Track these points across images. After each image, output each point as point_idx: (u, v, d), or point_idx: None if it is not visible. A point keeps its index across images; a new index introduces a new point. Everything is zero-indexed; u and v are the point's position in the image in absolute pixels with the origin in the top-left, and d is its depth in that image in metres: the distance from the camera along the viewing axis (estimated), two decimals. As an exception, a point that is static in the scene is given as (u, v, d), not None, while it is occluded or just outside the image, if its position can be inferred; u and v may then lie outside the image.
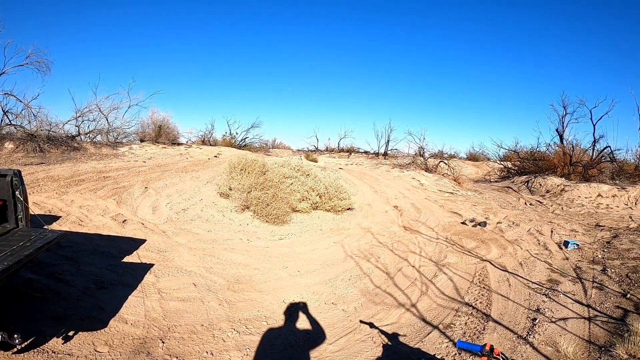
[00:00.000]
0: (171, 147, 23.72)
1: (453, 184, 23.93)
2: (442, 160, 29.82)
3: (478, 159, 40.94)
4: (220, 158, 21.05)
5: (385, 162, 34.22)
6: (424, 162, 29.44)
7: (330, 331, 6.03)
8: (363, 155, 40.18)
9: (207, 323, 5.73)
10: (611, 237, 12.01)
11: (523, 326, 6.27)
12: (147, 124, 26.72)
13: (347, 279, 8.19)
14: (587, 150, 26.34)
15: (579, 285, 8.01)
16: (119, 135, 22.89)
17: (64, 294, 5.78)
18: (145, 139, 25.25)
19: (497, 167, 33.08)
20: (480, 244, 11.09)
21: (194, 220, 10.63)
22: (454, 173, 26.83)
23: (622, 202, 19.10)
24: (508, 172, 30.14)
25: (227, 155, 21.94)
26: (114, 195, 11.53)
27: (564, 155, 25.59)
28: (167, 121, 27.72)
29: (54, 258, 6.97)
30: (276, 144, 46.74)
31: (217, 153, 23.05)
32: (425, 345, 5.78)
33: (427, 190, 20.57)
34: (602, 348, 5.44)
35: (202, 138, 31.84)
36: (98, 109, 22.51)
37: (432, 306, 7.13)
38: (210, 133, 32.76)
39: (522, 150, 31.73)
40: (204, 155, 21.92)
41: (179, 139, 28.69)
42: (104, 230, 8.97)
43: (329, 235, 11.11)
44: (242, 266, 8.18)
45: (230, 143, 32.08)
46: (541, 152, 29.24)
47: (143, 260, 7.63)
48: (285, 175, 13.67)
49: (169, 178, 14.28)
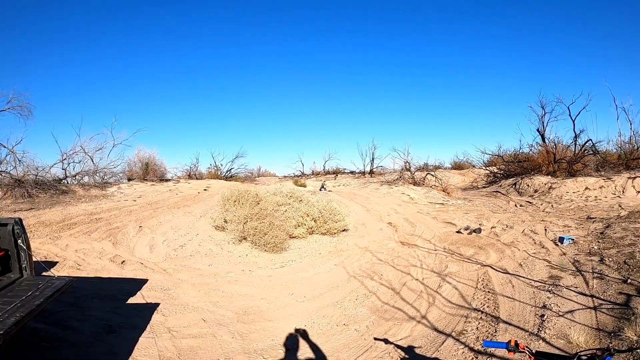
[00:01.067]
0: (160, 184, 23.62)
1: (442, 195, 24.09)
2: (428, 172, 30.10)
3: (463, 167, 41.32)
4: (210, 191, 21.05)
5: (372, 180, 34.42)
6: (411, 176, 29.68)
7: (347, 352, 6.00)
8: (349, 176, 40.42)
9: (223, 357, 5.67)
10: (604, 228, 12.16)
11: (533, 323, 6.32)
12: (134, 162, 26.66)
13: (354, 299, 8.18)
14: (569, 146, 26.71)
15: (579, 278, 8.09)
16: (106, 175, 22.76)
17: (73, 341, 5.68)
18: (133, 177, 25.15)
19: (483, 173, 33.42)
20: (478, 250, 11.15)
21: (193, 256, 10.56)
22: (441, 184, 27.09)
23: (610, 192, 19.37)
24: (494, 176, 30.45)
25: (216, 188, 21.94)
26: (109, 236, 11.43)
27: (548, 154, 25.93)
28: (154, 158, 27.68)
29: (57, 305, 6.81)
30: (261, 172, 46.87)
31: (206, 186, 23.05)
32: (442, 354, 5.78)
33: (418, 204, 20.68)
34: (612, 333, 5.51)
35: (188, 172, 31.79)
36: (83, 151, 22.46)
37: (441, 315, 7.15)
38: (195, 167, 32.82)
39: (506, 154, 32.20)
40: (193, 189, 21.90)
41: (166, 175, 28.59)
42: (103, 273, 8.87)
43: (329, 258, 11.10)
44: (248, 297, 8.13)
45: (216, 175, 32.12)
46: (525, 153, 29.68)
47: (148, 300, 7.54)
48: (278, 203, 13.68)
49: (162, 215, 14.21)
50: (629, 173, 21.00)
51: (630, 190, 19.08)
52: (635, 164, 22.73)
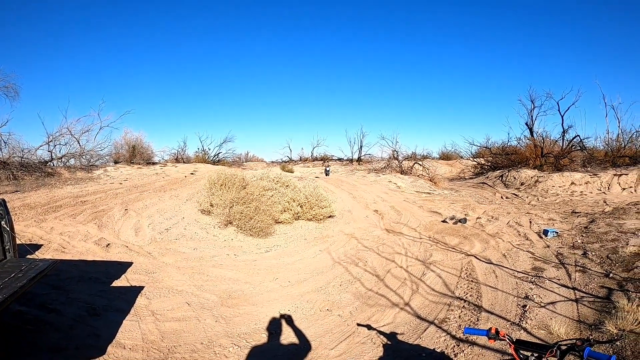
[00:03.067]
0: (146, 167, 23.47)
1: (429, 184, 24.20)
2: (416, 161, 30.17)
3: (451, 158, 41.44)
4: (197, 175, 20.93)
5: (360, 167, 34.47)
6: (398, 165, 29.75)
7: (329, 337, 6.06)
8: (337, 163, 40.37)
9: (206, 341, 5.70)
10: (588, 222, 12.34)
11: (515, 313, 6.44)
12: (121, 144, 26.34)
13: (338, 284, 8.24)
14: (557, 141, 27.12)
15: (562, 271, 8.23)
16: (92, 158, 22.56)
17: (57, 324, 5.67)
18: (120, 160, 24.90)
19: (470, 164, 33.60)
20: (463, 239, 11.26)
21: (178, 239, 10.55)
22: (429, 173, 27.16)
23: (595, 188, 19.62)
24: (482, 168, 30.64)
25: (203, 172, 21.84)
26: (94, 219, 11.37)
27: (535, 148, 26.17)
28: (141, 141, 27.39)
29: (41, 288, 6.81)
30: (249, 157, 46.70)
31: (193, 170, 22.91)
32: (424, 340, 5.87)
33: (405, 192, 20.78)
34: (593, 326, 5.62)
35: (175, 156, 31.56)
36: (69, 133, 22.23)
37: (424, 303, 7.24)
38: (183, 150, 32.56)
39: (494, 146, 32.35)
40: (180, 173, 21.79)
41: (153, 159, 28.36)
42: (88, 256, 8.84)
43: (314, 244, 11.15)
44: (233, 281, 8.15)
45: (204, 159, 31.92)
46: (513, 146, 29.91)
47: (132, 284, 7.54)
48: (265, 187, 13.66)
49: (148, 198, 14.15)
50: (615, 170, 21.29)
51: (615, 187, 19.34)
52: (622, 162, 23.06)
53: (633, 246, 8.90)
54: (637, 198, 16.59)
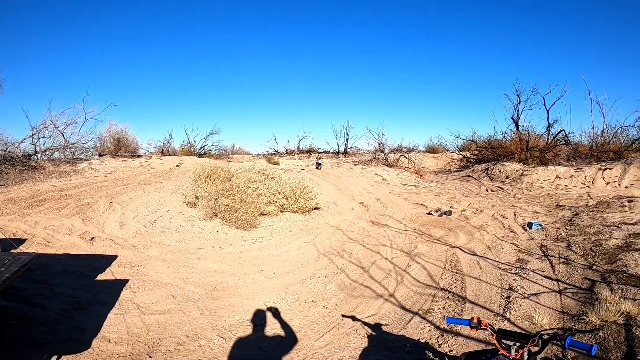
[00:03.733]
0: (131, 160, 23.26)
1: (415, 177, 24.31)
2: (402, 154, 30.25)
3: (437, 151, 41.67)
4: (182, 167, 20.83)
5: (346, 160, 34.51)
6: (384, 157, 29.83)
7: (314, 328, 6.11)
8: (323, 155, 40.30)
9: (191, 333, 5.72)
10: (572, 215, 12.50)
11: (499, 304, 6.54)
12: (105, 137, 25.95)
13: (323, 276, 8.29)
14: (542, 135, 27.48)
15: (546, 262, 8.35)
16: (77, 151, 22.28)
17: (42, 319, 5.66)
18: (104, 153, 24.62)
19: (456, 157, 33.83)
20: (448, 232, 11.35)
21: (163, 232, 10.53)
22: (414, 166, 27.29)
23: (580, 181, 19.85)
24: (467, 161, 30.87)
25: (188, 164, 21.74)
26: (79, 212, 11.31)
27: (521, 142, 26.46)
28: (126, 133, 27.07)
29: (25, 282, 6.79)
30: (235, 149, 46.56)
31: (178, 162, 22.78)
32: (409, 331, 5.94)
33: (391, 185, 20.86)
34: (575, 317, 5.73)
35: (160, 148, 31.36)
36: (54, 125, 21.90)
37: (409, 294, 7.31)
38: (168, 143, 32.36)
39: (480, 140, 32.63)
40: (165, 165, 21.66)
41: (138, 151, 28.11)
42: (72, 250, 8.80)
43: (300, 236, 11.18)
44: (218, 273, 8.17)
45: (190, 152, 31.77)
46: (498, 140, 30.25)
47: (117, 277, 7.53)
48: (250, 179, 13.67)
49: (133, 191, 14.07)
50: (600, 165, 21.57)
51: (599, 181, 19.58)
52: (606, 157, 23.39)
53: (616, 239, 9.03)
54: (620, 192, 16.79)
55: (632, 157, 22.07)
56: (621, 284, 6.50)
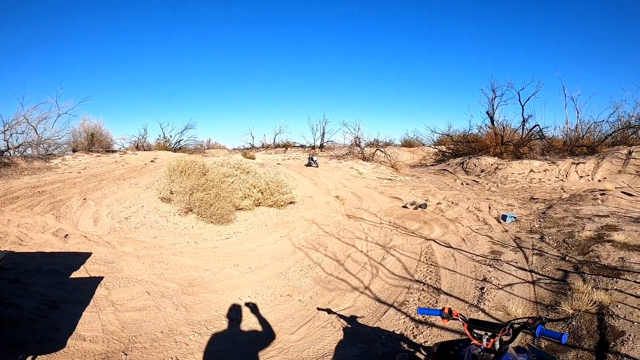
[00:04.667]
0: (105, 155, 22.90)
1: (391, 171, 24.48)
2: (378, 148, 30.47)
3: (413, 145, 41.86)
4: (157, 162, 20.63)
5: (322, 154, 34.54)
6: (360, 151, 29.99)
7: (290, 322, 6.20)
8: (300, 149, 40.35)
9: (167, 329, 5.75)
10: (546, 208, 12.79)
11: (473, 295, 6.70)
12: (79, 132, 25.44)
13: (298, 270, 8.37)
14: (517, 130, 28.05)
15: (520, 254, 8.54)
16: (50, 147, 21.90)
17: (16, 319, 5.61)
18: (78, 149, 24.17)
19: (432, 151, 34.18)
20: (423, 224, 11.50)
21: (137, 228, 10.47)
22: (390, 160, 27.47)
23: (554, 175, 20.27)
24: (443, 155, 31.24)
25: (163, 159, 21.55)
26: (52, 210, 11.17)
27: (496, 136, 26.91)
28: (100, 128, 26.61)
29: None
30: (211, 144, 46.22)
31: (153, 157, 22.54)
32: (384, 323, 6.06)
33: (367, 179, 20.99)
34: (549, 307, 5.89)
35: (135, 144, 30.95)
36: (26, 121, 21.44)
37: (384, 287, 7.44)
38: (143, 138, 31.91)
39: (456, 134, 33.11)
40: (140, 160, 21.44)
41: (112, 146, 27.67)
42: (46, 248, 8.71)
43: (275, 230, 11.22)
44: (193, 269, 8.18)
45: (165, 146, 31.43)
46: (474, 134, 30.77)
47: (91, 274, 7.49)
48: (225, 174, 13.64)
49: (107, 187, 13.93)
50: (573, 159, 22.10)
51: (573, 174, 20.06)
52: (580, 151, 23.92)
53: (589, 231, 9.24)
54: (594, 185, 17.21)
55: (605, 152, 22.55)
56: (593, 274, 6.66)
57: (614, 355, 4.25)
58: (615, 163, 20.42)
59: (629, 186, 16.29)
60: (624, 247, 7.68)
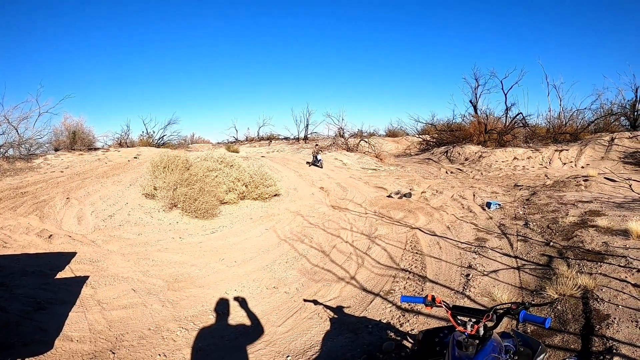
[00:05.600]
0: (88, 153, 22.62)
1: (375, 161, 24.56)
2: (362, 139, 30.50)
3: (397, 135, 41.88)
4: (140, 159, 20.49)
5: (306, 146, 34.50)
6: (344, 142, 30.05)
7: (276, 314, 6.26)
8: (283, 142, 40.31)
9: (154, 326, 5.78)
10: (530, 195, 12.95)
11: (458, 282, 6.79)
12: (61, 131, 24.97)
13: (284, 262, 8.44)
14: (500, 118, 28.24)
15: (505, 240, 8.66)
16: (32, 147, 21.56)
17: (3, 321, 5.58)
18: (60, 148, 23.79)
19: (416, 140, 34.20)
20: (408, 213, 11.59)
21: (122, 226, 10.43)
22: (375, 150, 27.55)
23: (537, 162, 20.47)
24: (427, 144, 31.28)
25: (146, 156, 21.38)
26: (35, 210, 11.08)
27: (479, 124, 27.03)
28: (81, 126, 26.11)
29: (-18, 286, 6.70)
30: (195, 139, 45.97)
31: (136, 154, 22.34)
32: (370, 312, 6.15)
33: (351, 169, 21.06)
34: (534, 292, 5.99)
35: (118, 141, 30.57)
36: (7, 121, 21.04)
37: (370, 276, 7.52)
38: (126, 134, 31.52)
39: (439, 123, 33.08)
40: (123, 157, 21.25)
41: (95, 144, 27.24)
42: (30, 249, 8.65)
43: (260, 223, 11.26)
44: (179, 264, 8.20)
45: (148, 142, 31.09)
46: (457, 123, 30.81)
47: (77, 274, 7.47)
48: (209, 168, 13.59)
49: (90, 185, 13.83)
50: (556, 146, 22.34)
51: (556, 161, 20.26)
52: (563, 138, 24.17)
53: (572, 216, 9.40)
54: (577, 172, 17.38)
55: (587, 139, 22.81)
56: (578, 259, 6.78)
57: (600, 338, 4.33)
58: (598, 150, 20.68)
59: (611, 172, 16.48)
60: (608, 231, 7.82)
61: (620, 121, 25.81)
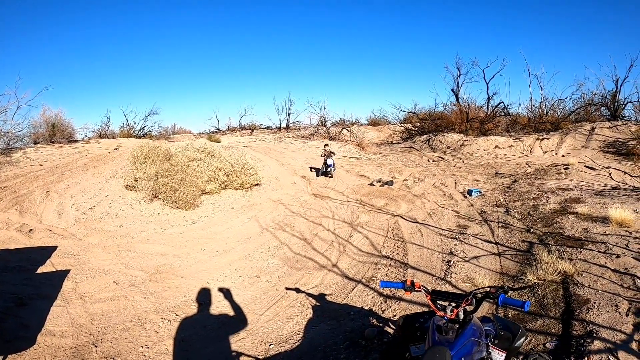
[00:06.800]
0: (68, 146, 22.35)
1: (357, 149, 24.64)
2: (344, 127, 30.59)
3: (379, 124, 41.83)
4: (121, 150, 20.31)
5: (288, 135, 34.45)
6: (326, 131, 30.08)
7: (258, 303, 6.34)
8: (265, 131, 40.09)
9: (136, 318, 5.81)
10: (511, 183, 13.17)
11: (440, 268, 6.92)
12: (40, 123, 24.65)
13: (266, 250, 8.51)
14: (482, 107, 28.57)
15: (486, 227, 8.81)
16: (11, 140, 21.31)
17: (-17, 319, 5.57)
18: (39, 140, 23.50)
19: (398, 129, 34.29)
20: (390, 201, 11.70)
21: (103, 218, 10.36)
22: (357, 139, 27.57)
23: (518, 151, 20.77)
24: (409, 133, 31.50)
25: (127, 147, 21.19)
26: (15, 205, 10.95)
27: (461, 113, 27.25)
28: (61, 118, 25.78)
29: (-37, 283, 6.64)
30: (176, 129, 45.53)
31: (116, 145, 22.14)
32: (352, 299, 6.25)
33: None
34: (515, 277, 6.12)
35: (99, 132, 30.25)
36: (-16, 115, 20.90)
37: (352, 264, 7.62)
38: (107, 126, 31.15)
39: (421, 112, 33.36)
40: (103, 149, 21.04)
41: (75, 136, 26.88)
42: (10, 244, 8.56)
43: (242, 212, 11.30)
44: (160, 255, 8.21)
45: (129, 134, 30.78)
46: (439, 112, 31.06)
47: (58, 268, 7.43)
48: (190, 158, 13.55)
49: (70, 178, 13.70)
50: (537, 135, 22.72)
51: (537, 150, 20.59)
52: (544, 127, 24.58)
53: (553, 204, 9.59)
54: (557, 160, 17.66)
55: (568, 128, 23.23)
56: (558, 245, 6.91)
57: (580, 322, 4.42)
58: (578, 139, 21.03)
59: (592, 161, 16.79)
60: (587, 218, 7.98)
61: (601, 111, 26.19)
